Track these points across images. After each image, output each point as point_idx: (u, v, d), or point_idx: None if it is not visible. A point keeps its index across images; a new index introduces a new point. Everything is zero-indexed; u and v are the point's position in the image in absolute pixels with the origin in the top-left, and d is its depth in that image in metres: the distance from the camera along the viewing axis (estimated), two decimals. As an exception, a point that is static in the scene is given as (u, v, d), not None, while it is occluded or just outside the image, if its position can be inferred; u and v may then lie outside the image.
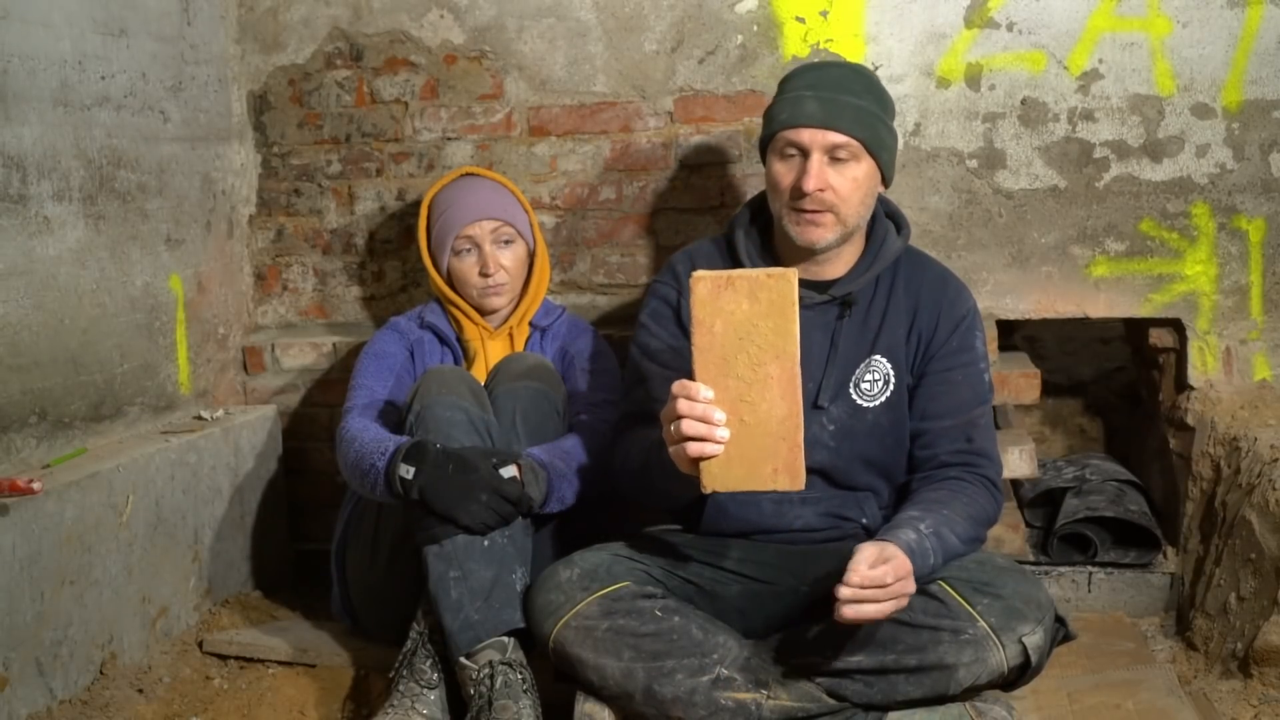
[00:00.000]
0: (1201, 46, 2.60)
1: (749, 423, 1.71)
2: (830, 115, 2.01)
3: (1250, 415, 2.59)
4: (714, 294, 1.69)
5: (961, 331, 2.09)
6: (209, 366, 2.82)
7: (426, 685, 2.03)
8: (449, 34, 2.85)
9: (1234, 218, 2.63)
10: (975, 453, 2.06)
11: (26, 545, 2.02)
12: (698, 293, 1.70)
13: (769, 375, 1.70)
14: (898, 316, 2.10)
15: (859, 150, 2.02)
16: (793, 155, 2.03)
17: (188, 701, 2.18)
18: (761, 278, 1.69)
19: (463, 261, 2.45)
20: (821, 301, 2.09)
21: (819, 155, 2.01)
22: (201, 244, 2.78)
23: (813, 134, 2.01)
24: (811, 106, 2.01)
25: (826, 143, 2.01)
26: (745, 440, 1.71)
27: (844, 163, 2.02)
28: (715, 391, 1.71)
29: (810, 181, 1.99)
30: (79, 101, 2.37)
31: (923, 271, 2.14)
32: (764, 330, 1.69)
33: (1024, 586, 1.90)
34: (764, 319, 1.69)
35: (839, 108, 2.01)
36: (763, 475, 1.72)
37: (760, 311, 1.69)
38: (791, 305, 1.69)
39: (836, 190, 2.01)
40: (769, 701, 1.89)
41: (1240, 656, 2.28)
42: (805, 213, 2.02)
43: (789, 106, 2.04)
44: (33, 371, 2.25)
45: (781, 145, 2.04)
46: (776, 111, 2.06)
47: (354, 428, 2.23)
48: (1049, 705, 2.15)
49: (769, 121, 2.08)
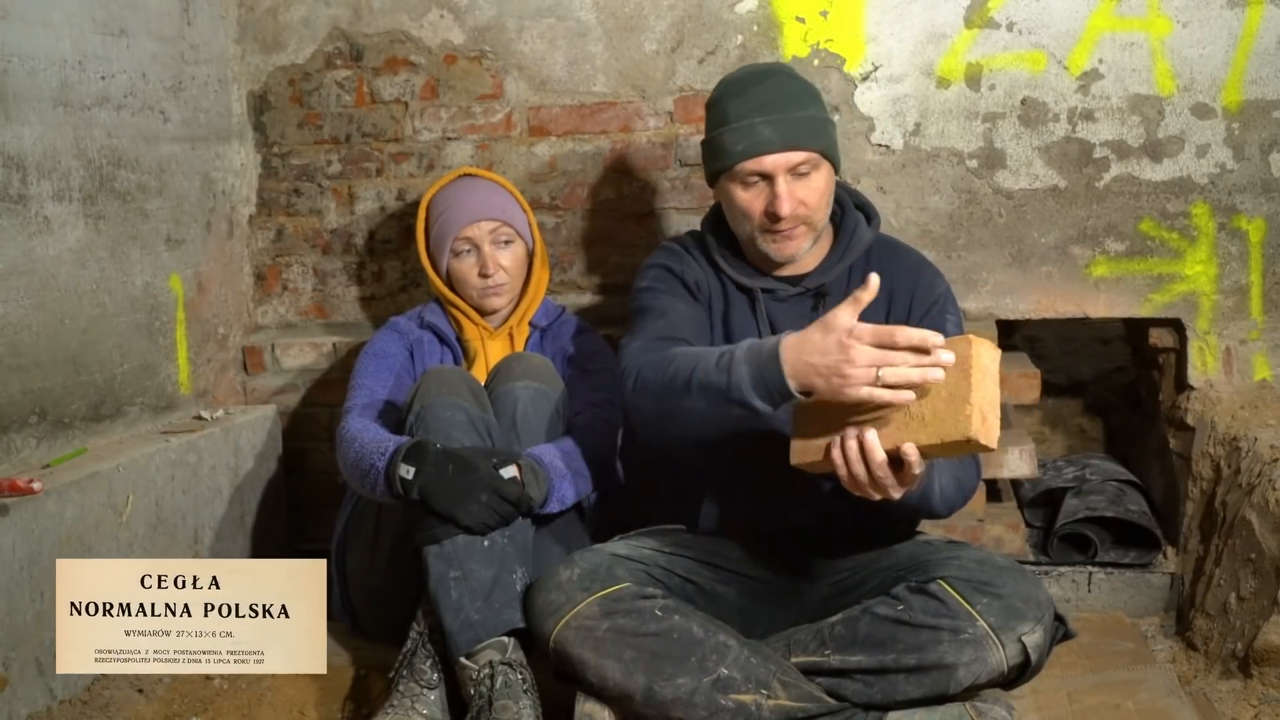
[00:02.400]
0: (1201, 46, 2.60)
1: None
2: (788, 136, 2.01)
3: (1250, 415, 2.59)
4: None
5: (933, 315, 2.10)
6: (209, 366, 2.82)
7: (426, 685, 2.03)
8: (449, 34, 2.85)
9: (1234, 218, 2.63)
10: None
11: (26, 545, 2.02)
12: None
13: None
14: (873, 305, 2.09)
15: (818, 160, 2.03)
16: (755, 182, 2.03)
17: (188, 701, 2.18)
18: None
19: (462, 262, 2.45)
20: (795, 294, 2.09)
21: (784, 177, 2.01)
22: (201, 244, 2.78)
23: (774, 160, 2.01)
24: (767, 132, 2.00)
25: (789, 163, 2.01)
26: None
27: (806, 176, 2.03)
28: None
29: (784, 205, 2.00)
30: (79, 101, 2.37)
31: (896, 259, 2.15)
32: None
33: (1023, 586, 1.90)
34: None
35: (793, 126, 2.01)
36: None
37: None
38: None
39: (806, 203, 2.03)
40: (769, 702, 1.89)
41: (1240, 656, 2.28)
42: (780, 232, 2.03)
43: (744, 136, 2.01)
44: (33, 371, 2.25)
45: (743, 175, 2.03)
46: (730, 142, 2.03)
47: (354, 428, 2.23)
48: (1049, 705, 2.15)
49: (722, 153, 2.04)
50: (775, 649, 1.97)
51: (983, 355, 1.68)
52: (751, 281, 2.12)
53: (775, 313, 2.12)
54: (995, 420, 1.68)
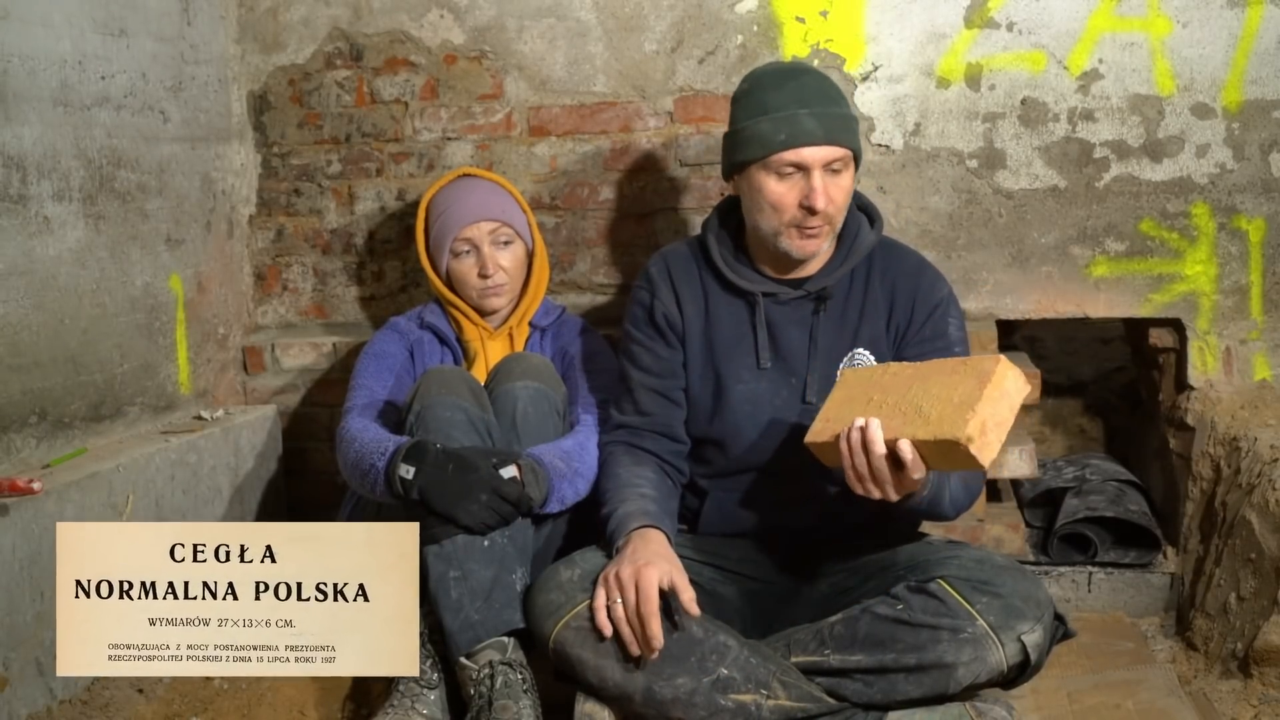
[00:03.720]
0: (1201, 46, 2.60)
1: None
2: (830, 131, 2.00)
3: (1250, 415, 2.59)
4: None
5: (936, 318, 2.10)
6: (209, 366, 2.82)
7: (426, 685, 2.03)
8: (449, 34, 2.85)
9: (1234, 218, 2.64)
10: None
11: (26, 545, 2.02)
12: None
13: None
14: (876, 308, 2.11)
15: (849, 159, 2.03)
16: (790, 173, 2.02)
17: (188, 701, 2.18)
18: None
19: (461, 263, 2.45)
20: (796, 297, 2.09)
21: (820, 171, 2.00)
22: (201, 244, 2.78)
23: (814, 152, 1.99)
24: (810, 125, 1.99)
25: (828, 158, 2.00)
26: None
27: (838, 173, 2.02)
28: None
29: (820, 199, 1.99)
30: (79, 101, 2.37)
31: (898, 262, 2.15)
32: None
33: (1023, 585, 1.90)
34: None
35: (834, 121, 2.01)
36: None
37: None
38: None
39: (834, 201, 2.02)
40: (769, 702, 1.89)
41: (1240, 656, 2.28)
42: (809, 229, 2.02)
43: (786, 126, 1.99)
44: (33, 371, 2.25)
45: (779, 165, 2.01)
46: (770, 131, 2.00)
47: (354, 428, 2.23)
48: (1049, 705, 2.15)
49: (758, 142, 2.01)
50: (775, 649, 1.97)
51: (1006, 378, 1.70)
52: (752, 285, 2.12)
53: (775, 316, 2.12)
54: (997, 441, 1.69)
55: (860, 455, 1.79)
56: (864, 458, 1.79)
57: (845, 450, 1.81)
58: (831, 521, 2.11)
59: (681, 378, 2.17)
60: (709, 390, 2.14)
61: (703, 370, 2.15)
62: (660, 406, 2.16)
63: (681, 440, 2.16)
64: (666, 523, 2.01)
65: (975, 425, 1.66)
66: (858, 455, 1.79)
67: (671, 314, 2.16)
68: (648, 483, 2.07)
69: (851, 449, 1.80)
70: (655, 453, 2.14)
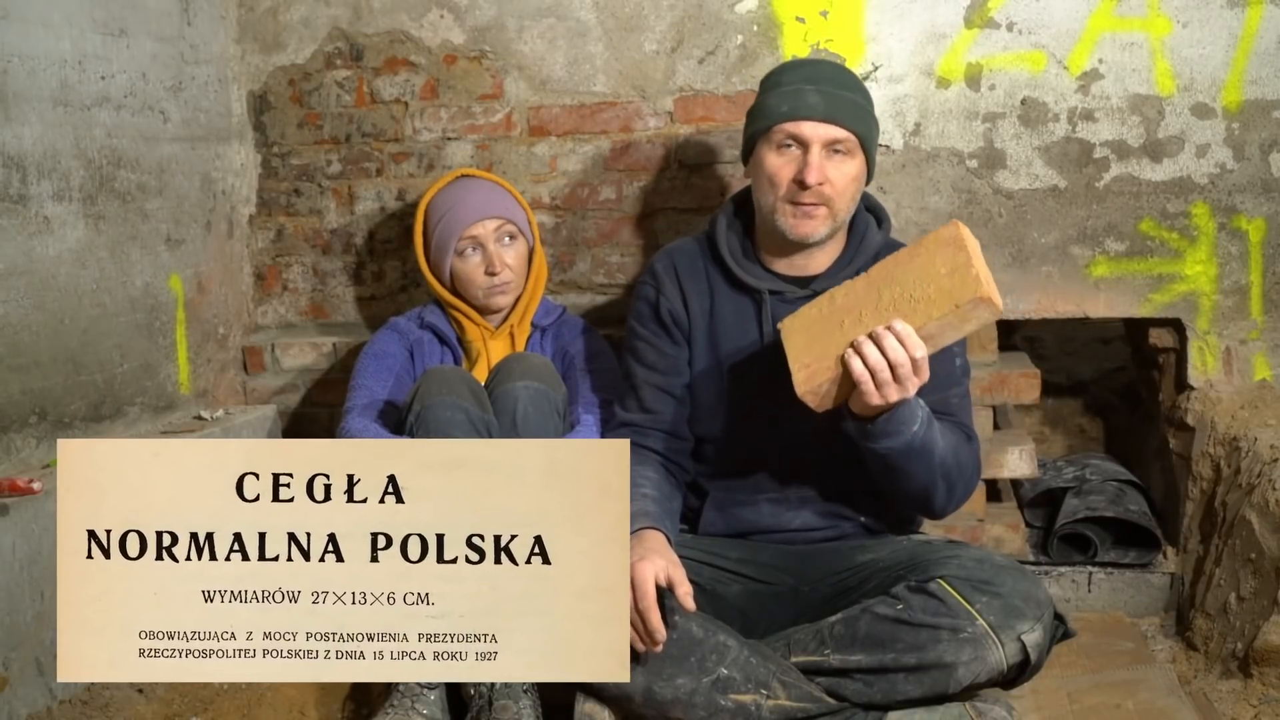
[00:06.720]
0: (1201, 46, 2.60)
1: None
2: (832, 109, 2.01)
3: (1250, 415, 2.59)
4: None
5: None
6: (209, 366, 2.82)
7: (426, 685, 2.03)
8: (449, 34, 2.85)
9: (1234, 218, 2.63)
10: (955, 424, 2.06)
11: (26, 545, 2.02)
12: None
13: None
14: None
15: (855, 145, 2.03)
16: (790, 147, 2.03)
17: (188, 701, 2.18)
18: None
19: (467, 262, 2.45)
20: (803, 296, 2.09)
21: (819, 148, 2.01)
22: (201, 244, 2.78)
23: (814, 127, 2.01)
24: (814, 99, 2.01)
25: (828, 136, 2.01)
26: None
27: (841, 157, 2.03)
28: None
29: (813, 174, 2.00)
30: (79, 101, 2.37)
31: None
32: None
33: (1022, 585, 1.90)
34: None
35: (839, 102, 2.02)
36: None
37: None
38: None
39: (833, 184, 2.02)
40: (769, 702, 1.89)
41: (1240, 656, 2.28)
42: (802, 205, 2.02)
43: (789, 99, 2.03)
44: (33, 371, 2.25)
45: (780, 138, 2.03)
46: (774, 104, 2.05)
47: (354, 428, 2.23)
48: (1049, 705, 2.15)
49: (764, 113, 2.06)
50: (775, 649, 1.97)
51: (968, 235, 1.83)
52: (759, 283, 2.12)
53: (781, 314, 2.11)
54: (994, 285, 1.81)
55: (899, 353, 1.77)
56: (904, 354, 1.77)
57: (861, 368, 1.78)
58: (832, 521, 2.11)
59: (686, 375, 2.17)
60: (712, 388, 2.14)
61: (707, 368, 2.15)
62: (664, 404, 2.16)
63: (685, 437, 2.16)
64: (667, 523, 2.01)
65: (984, 279, 1.78)
66: (895, 354, 1.77)
67: (677, 311, 2.16)
68: (649, 483, 2.07)
69: (887, 350, 1.77)
70: (658, 450, 2.14)
